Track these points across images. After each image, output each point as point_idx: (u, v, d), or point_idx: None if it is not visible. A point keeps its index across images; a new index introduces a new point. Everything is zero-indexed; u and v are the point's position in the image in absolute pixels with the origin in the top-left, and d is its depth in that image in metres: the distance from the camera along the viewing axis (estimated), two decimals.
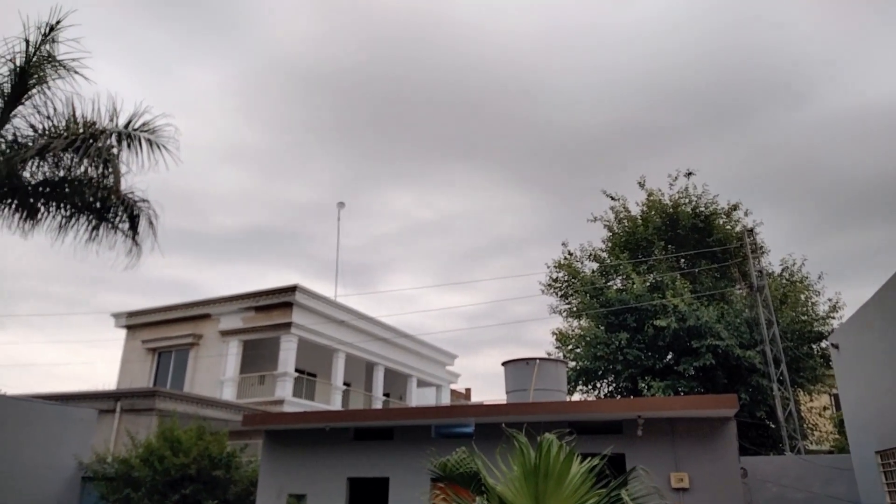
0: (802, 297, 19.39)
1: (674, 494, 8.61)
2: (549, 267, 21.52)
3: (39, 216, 11.50)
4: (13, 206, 11.13)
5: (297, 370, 22.12)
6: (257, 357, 23.18)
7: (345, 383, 24.59)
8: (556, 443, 4.95)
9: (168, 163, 11.39)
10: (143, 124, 11.34)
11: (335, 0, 44.51)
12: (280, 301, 22.07)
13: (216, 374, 22.45)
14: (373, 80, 45.61)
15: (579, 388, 19.60)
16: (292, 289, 21.90)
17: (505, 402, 12.07)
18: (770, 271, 20.02)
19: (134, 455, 11.11)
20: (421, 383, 29.73)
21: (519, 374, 11.97)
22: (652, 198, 20.55)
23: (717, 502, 8.53)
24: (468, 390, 37.13)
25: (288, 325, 21.78)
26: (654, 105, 44.77)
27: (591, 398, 19.41)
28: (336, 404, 23.35)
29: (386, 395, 27.80)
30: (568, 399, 13.73)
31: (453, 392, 33.69)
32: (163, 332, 24.11)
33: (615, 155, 49.08)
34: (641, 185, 20.99)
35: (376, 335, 25.62)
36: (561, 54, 44.33)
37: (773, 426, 17.13)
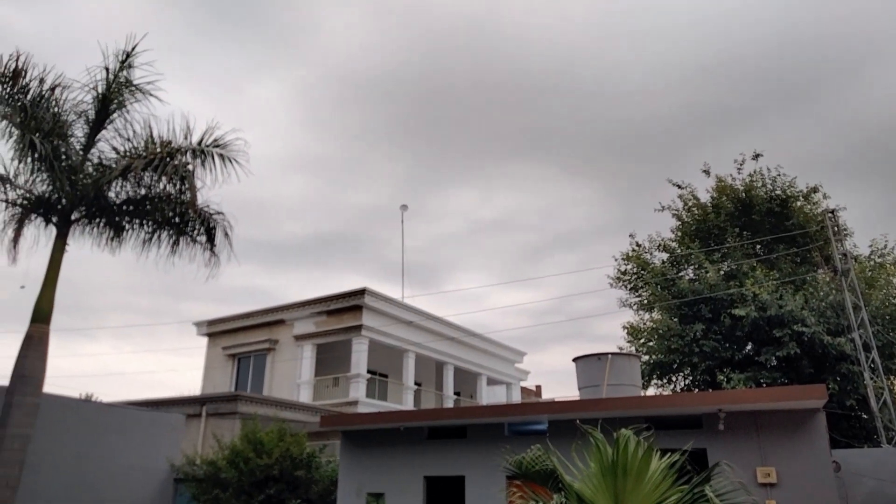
0: (895, 279, 18.27)
1: (760, 490, 8.28)
2: (616, 260, 21.09)
3: (125, 233, 12.21)
4: (101, 224, 11.86)
5: (369, 371, 22.56)
6: (330, 360, 23.77)
7: (416, 383, 24.89)
8: (634, 438, 4.87)
9: (239, 175, 11.88)
10: (215, 140, 11.83)
11: (387, 6, 45.07)
12: (350, 304, 22.56)
13: (292, 377, 23.17)
14: (428, 81, 45.94)
15: (654, 382, 19.12)
16: (361, 292, 22.34)
17: (578, 398, 11.93)
18: (856, 254, 18.94)
19: (220, 457, 11.63)
20: (491, 381, 29.72)
21: (591, 369, 11.80)
22: (722, 183, 19.82)
23: (808, 498, 8.14)
24: (538, 387, 36.86)
25: (358, 328, 22.23)
26: (720, 88, 43.12)
27: (667, 392, 18.90)
28: (408, 404, 23.67)
29: (457, 393, 27.94)
30: (642, 394, 13.42)
31: (524, 390, 33.51)
32: (241, 339, 25.08)
33: (679, 143, 47.58)
34: (707, 172, 20.30)
35: (444, 335, 25.81)
36: (620, 42, 43.34)
37: (865, 416, 16.20)
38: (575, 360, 12.27)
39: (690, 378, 18.70)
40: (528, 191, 55.22)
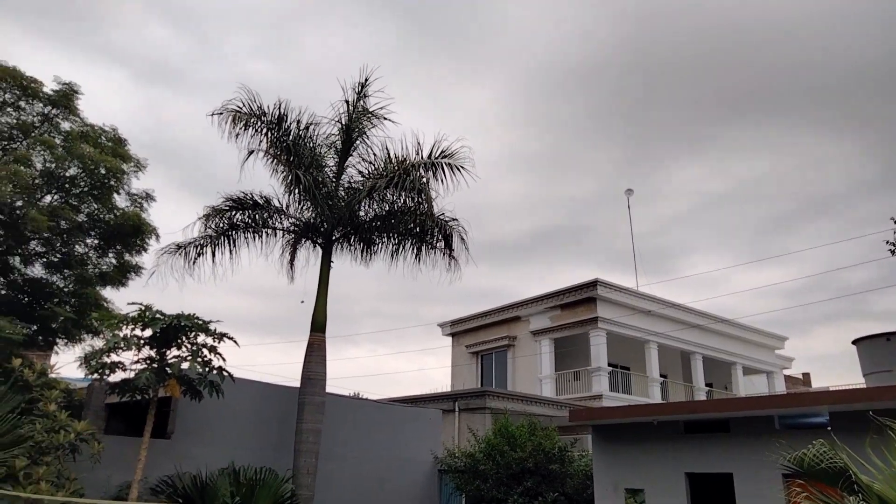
0: None
1: None
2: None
3: (375, 247, 13.51)
4: (355, 241, 13.27)
5: (609, 364, 22.07)
6: (569, 354, 23.74)
7: (661, 375, 23.73)
8: None
9: (467, 181, 12.45)
10: (442, 152, 12.54)
11: None
12: (583, 297, 22.32)
13: (533, 372, 23.60)
14: (639, 57, 43.66)
15: None
16: (593, 284, 21.97)
17: (864, 385, 10.32)
18: None
19: (477, 450, 12.26)
20: (747, 370, 27.18)
21: (878, 352, 10.14)
22: None
23: None
24: (806, 375, 32.73)
25: (594, 321, 21.88)
26: None
27: None
28: (655, 397, 22.66)
29: (708, 385, 26.05)
30: None
31: (788, 378, 30.02)
32: (481, 337, 26.25)
33: None
34: None
35: (689, 322, 24.23)
36: None
37: None
38: (856, 342, 10.64)
39: None
40: (766, 155, 49.55)
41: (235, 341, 10.30)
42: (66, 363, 36.37)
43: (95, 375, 9.81)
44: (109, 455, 9.20)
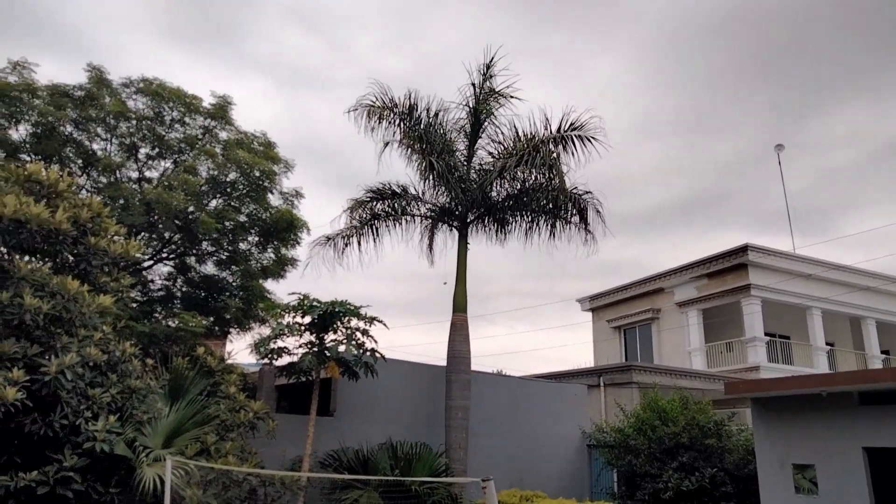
0: None
1: None
2: None
3: (509, 226, 13.61)
4: (489, 221, 13.45)
5: (766, 333, 20.63)
6: (719, 324, 22.49)
7: (827, 343, 21.81)
8: None
9: (599, 152, 12.16)
10: (571, 124, 12.34)
11: None
12: (732, 264, 20.99)
13: (681, 345, 22.64)
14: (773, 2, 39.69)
15: None
16: (743, 249, 20.58)
17: None
18: None
19: (626, 425, 12.04)
20: None
21: None
22: None
23: None
24: None
25: (746, 288, 20.52)
26: None
27: None
28: (821, 367, 20.88)
29: (884, 352, 23.55)
30: None
31: None
32: (623, 311, 25.57)
33: None
34: None
35: (857, 284, 22.02)
36: None
37: None
38: None
39: None
40: None
41: (385, 324, 10.89)
42: (239, 350, 40.28)
43: (265, 360, 10.86)
44: (282, 432, 10.14)
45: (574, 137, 12.29)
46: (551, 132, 12.42)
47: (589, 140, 12.20)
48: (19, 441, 6.69)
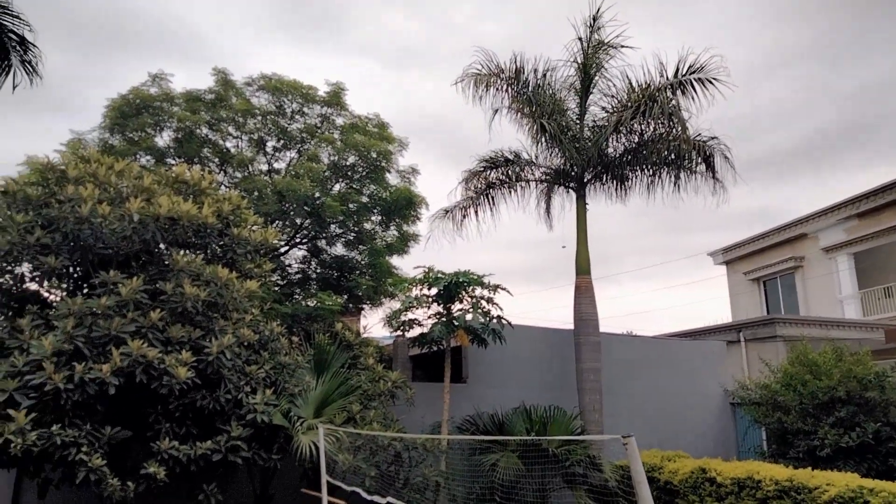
0: None
1: None
2: None
3: (629, 182, 13.14)
4: (607, 179, 13.04)
5: None
6: (874, 268, 20.44)
7: None
8: None
9: (724, 94, 11.37)
10: (689, 67, 11.62)
11: None
12: (888, 201, 18.93)
13: (829, 293, 20.87)
14: None
15: None
16: None
17: None
18: None
19: (773, 381, 11.36)
20: None
21: None
22: None
23: None
24: None
25: None
26: None
27: None
28: None
29: None
30: None
31: None
32: (761, 261, 23.94)
33: None
34: None
35: None
36: None
37: None
38: None
39: None
40: None
41: (508, 291, 10.99)
42: (373, 324, 42.42)
43: (398, 332, 11.36)
44: (418, 399, 10.61)
45: (693, 81, 11.60)
46: (667, 79, 11.77)
47: (710, 82, 11.46)
48: (193, 414, 7.52)
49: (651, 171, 12.83)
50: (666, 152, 12.14)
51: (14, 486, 8.99)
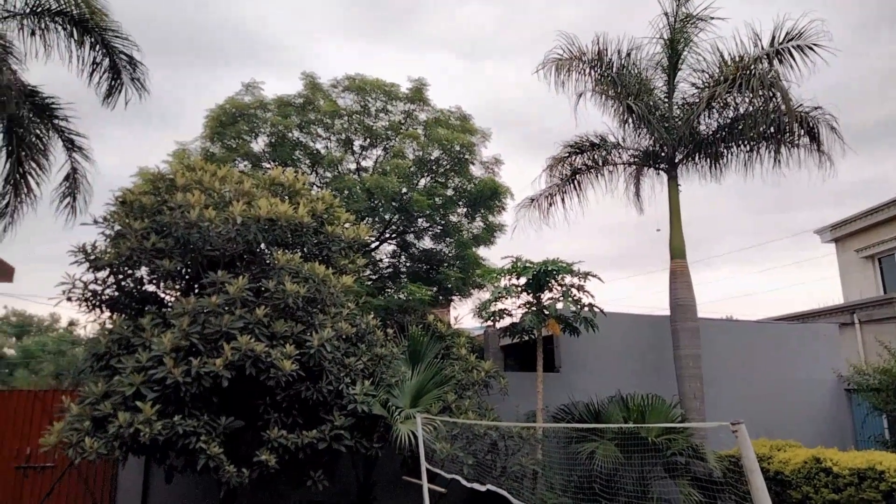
0: None
1: None
2: None
3: (724, 160, 12.53)
4: (701, 158, 12.49)
5: None
6: None
7: None
8: None
9: (827, 60, 10.63)
10: (787, 35, 10.96)
11: None
12: None
13: None
14: None
15: None
16: None
17: None
18: None
19: (894, 365, 10.56)
20: None
21: None
22: None
23: None
24: None
25: None
26: None
27: None
28: None
29: None
30: None
31: None
32: (876, 237, 22.16)
33: None
34: None
35: None
36: None
37: None
38: None
39: None
40: None
41: (599, 278, 10.79)
42: (463, 315, 42.80)
43: (489, 322, 11.42)
44: (512, 388, 10.62)
45: (792, 49, 10.92)
46: (763, 48, 11.14)
47: (811, 48, 10.74)
48: (298, 405, 7.91)
49: (748, 146, 12.19)
50: (764, 126, 11.48)
51: (144, 472, 9.80)
